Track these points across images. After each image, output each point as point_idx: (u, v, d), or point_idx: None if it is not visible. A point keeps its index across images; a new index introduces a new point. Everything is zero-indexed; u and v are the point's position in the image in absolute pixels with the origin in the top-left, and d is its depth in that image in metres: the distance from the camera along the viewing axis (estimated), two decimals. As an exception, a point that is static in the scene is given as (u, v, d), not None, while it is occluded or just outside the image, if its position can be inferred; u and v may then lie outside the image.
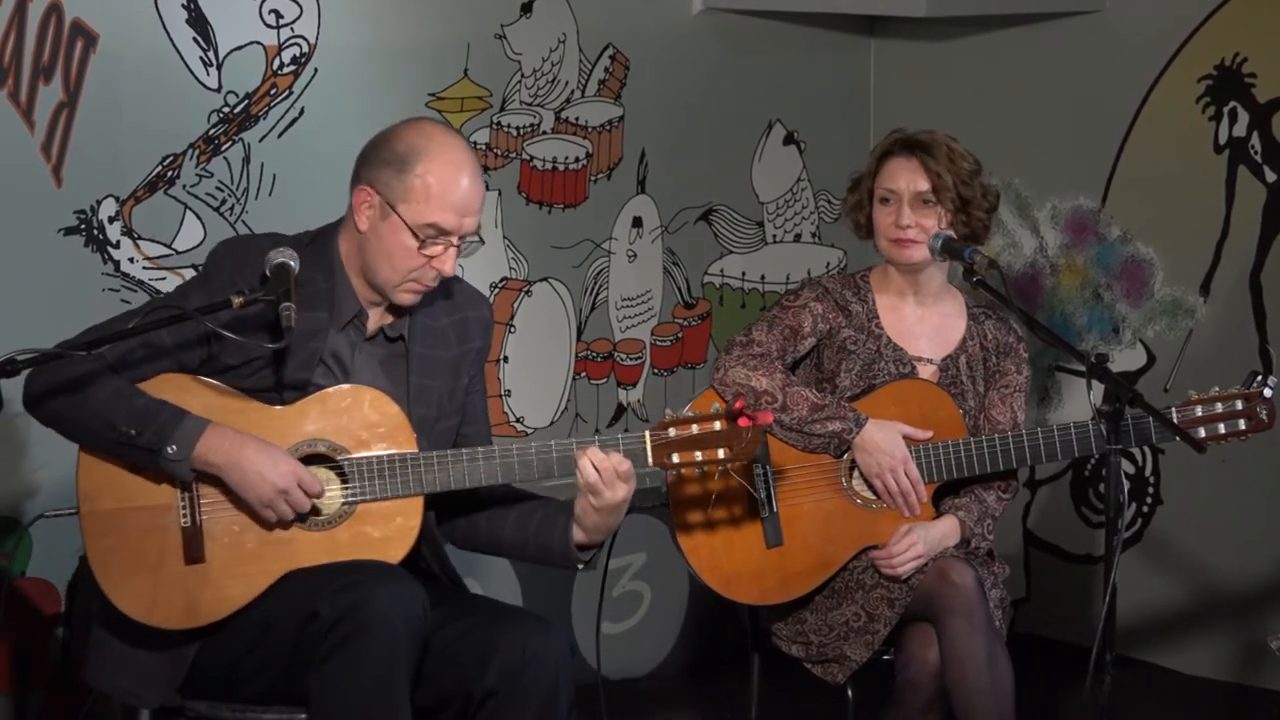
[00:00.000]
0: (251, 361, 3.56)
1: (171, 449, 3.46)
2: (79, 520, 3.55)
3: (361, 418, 3.57)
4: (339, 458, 3.57)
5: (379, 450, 3.56)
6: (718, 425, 3.62)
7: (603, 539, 3.69)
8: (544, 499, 3.75)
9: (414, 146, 3.54)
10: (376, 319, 3.65)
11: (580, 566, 3.71)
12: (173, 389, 3.54)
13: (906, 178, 4.11)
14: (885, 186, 4.13)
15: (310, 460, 3.56)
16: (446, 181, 3.53)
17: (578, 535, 3.66)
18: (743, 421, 3.61)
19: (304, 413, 3.57)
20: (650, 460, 3.62)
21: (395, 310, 3.65)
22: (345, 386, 3.58)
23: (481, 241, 3.65)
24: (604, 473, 3.57)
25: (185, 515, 3.54)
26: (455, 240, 3.56)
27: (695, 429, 3.63)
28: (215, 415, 3.52)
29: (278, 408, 3.57)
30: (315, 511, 3.55)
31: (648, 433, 3.63)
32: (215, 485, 3.54)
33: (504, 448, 3.61)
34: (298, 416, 3.56)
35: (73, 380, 3.48)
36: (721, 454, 3.63)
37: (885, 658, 4.08)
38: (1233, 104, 5.41)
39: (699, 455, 3.63)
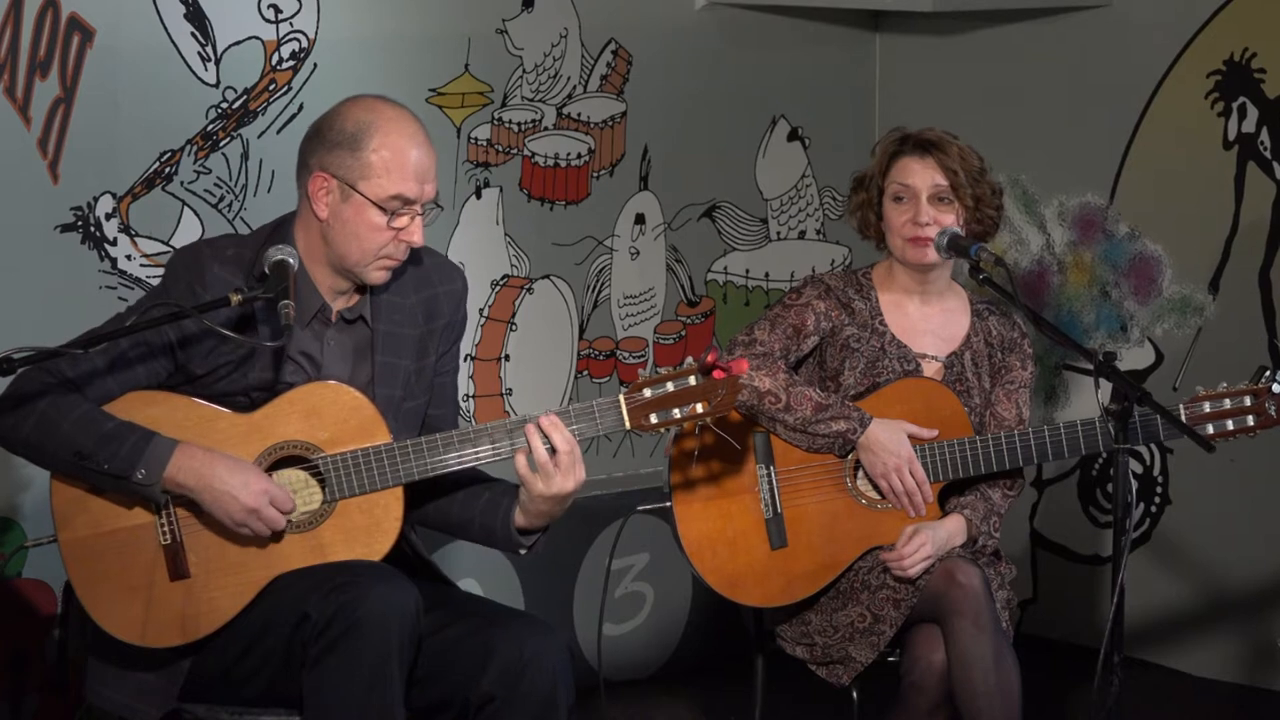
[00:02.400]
0: (218, 369, 3.53)
1: (140, 474, 3.43)
2: (59, 549, 3.52)
3: (331, 414, 3.53)
4: (313, 457, 3.53)
5: (352, 446, 3.53)
6: (692, 380, 3.56)
7: (545, 524, 3.63)
8: (494, 480, 3.69)
9: (363, 122, 3.51)
10: (339, 307, 3.61)
11: (522, 552, 3.66)
12: (141, 405, 3.50)
13: (923, 175, 4.08)
14: (899, 183, 4.10)
15: (286, 462, 3.53)
16: (402, 151, 3.50)
17: (519, 519, 3.61)
18: (717, 374, 3.54)
19: (273, 416, 3.53)
20: (628, 424, 3.56)
21: (359, 289, 3.60)
22: (312, 384, 3.55)
23: (440, 207, 3.61)
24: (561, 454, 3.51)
25: (165, 533, 3.51)
26: (419, 209, 3.53)
27: (670, 386, 3.56)
28: (185, 428, 3.49)
29: (247, 414, 3.53)
30: (289, 527, 3.52)
31: (622, 396, 3.57)
32: (190, 500, 3.50)
33: (478, 429, 3.55)
34: (268, 420, 3.53)
35: (38, 408, 3.45)
36: (700, 409, 3.56)
37: (890, 659, 4.05)
38: (1242, 100, 5.38)
39: (677, 413, 3.56)
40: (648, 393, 3.56)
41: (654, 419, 3.56)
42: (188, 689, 3.57)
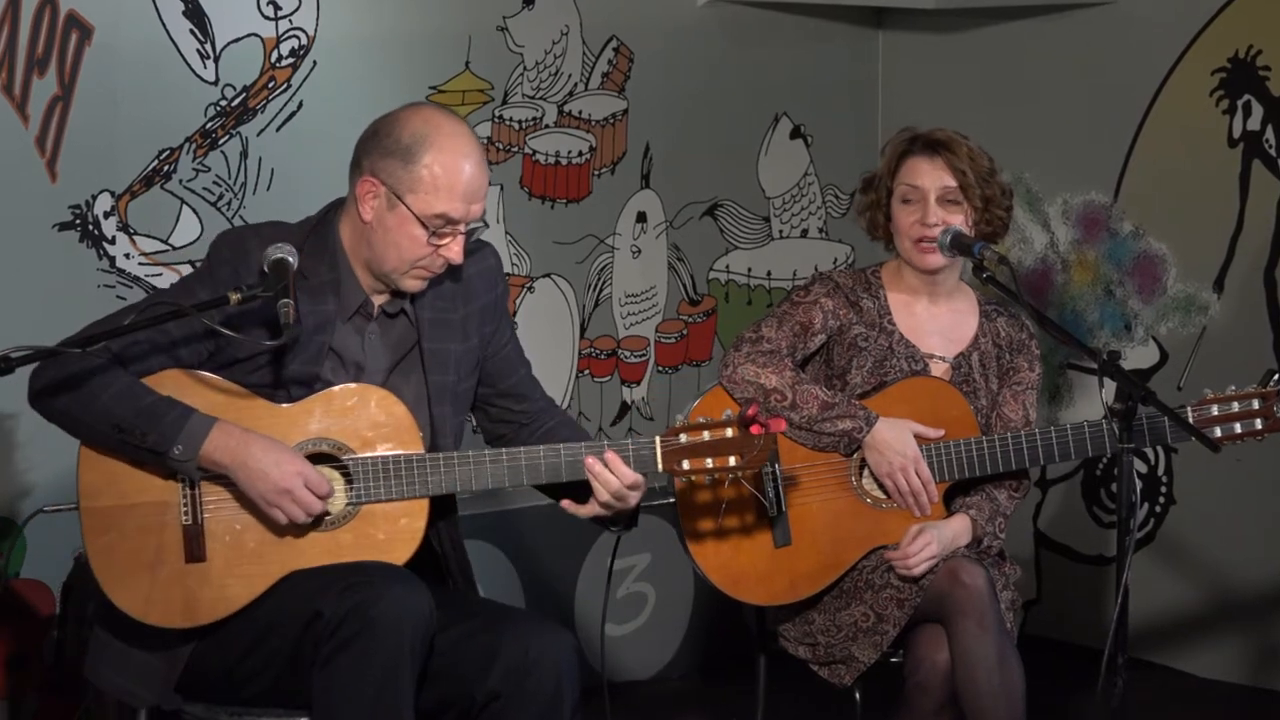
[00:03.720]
0: (257, 356, 3.51)
1: (178, 449, 3.42)
2: (78, 515, 3.51)
3: (367, 417, 3.53)
4: (344, 457, 3.52)
5: (384, 450, 3.52)
6: (729, 432, 3.59)
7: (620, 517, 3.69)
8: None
9: (419, 135, 3.49)
10: (380, 303, 3.62)
11: (612, 529, 3.73)
12: (177, 385, 3.49)
13: (931, 175, 4.06)
14: (908, 184, 4.07)
15: (314, 460, 3.51)
16: (454, 171, 3.48)
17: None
18: (755, 429, 3.57)
19: (309, 411, 3.52)
20: (660, 466, 3.60)
21: (396, 292, 3.61)
22: (352, 385, 3.55)
23: (486, 225, 3.60)
24: (624, 479, 3.58)
25: (187, 513, 3.49)
26: (462, 228, 3.53)
27: (707, 435, 3.59)
28: (219, 411, 3.47)
29: (283, 405, 3.52)
30: (323, 512, 3.51)
31: (658, 439, 3.60)
32: (219, 483, 3.49)
33: (511, 451, 3.57)
34: (302, 415, 3.52)
35: (78, 377, 3.44)
36: (733, 461, 3.60)
37: (893, 660, 4.03)
38: (1247, 97, 5.36)
39: (710, 462, 3.60)
40: (684, 439, 3.59)
41: (687, 465, 3.60)
42: (187, 683, 3.54)
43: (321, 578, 3.43)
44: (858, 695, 4.04)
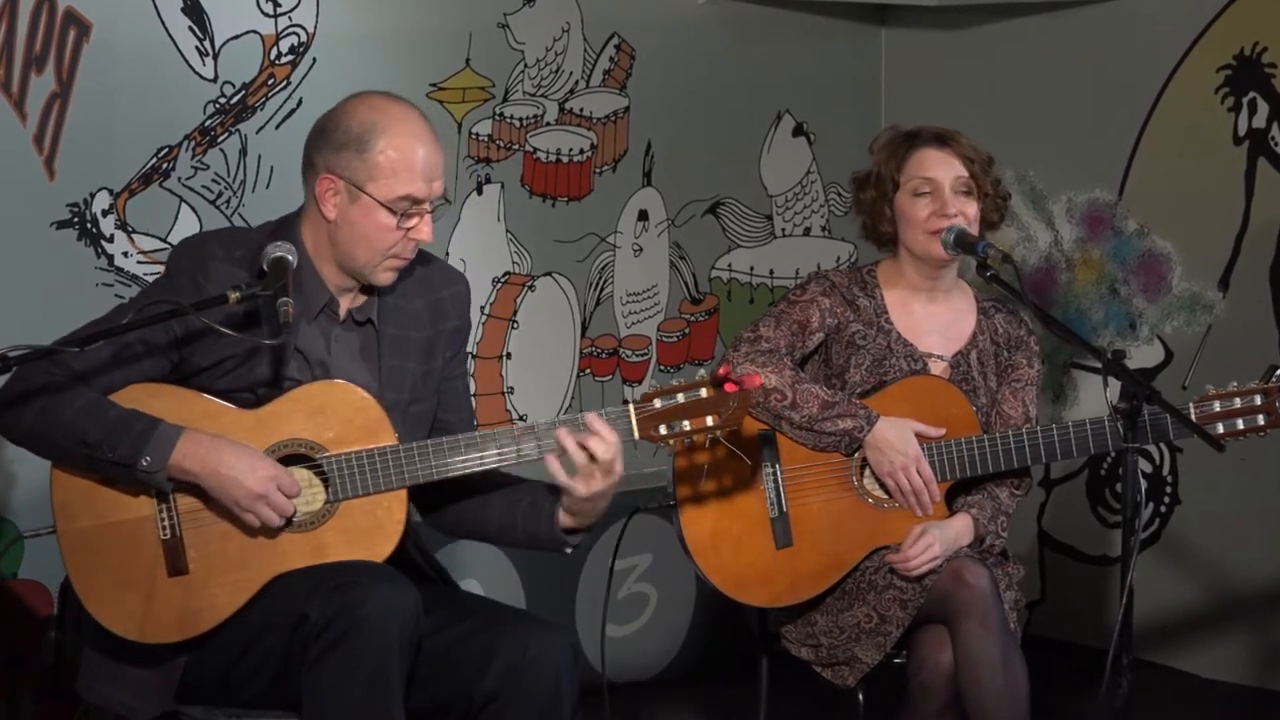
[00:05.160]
0: (223, 362, 3.50)
1: (146, 460, 3.40)
2: (56, 539, 3.49)
3: (337, 414, 3.50)
4: (318, 456, 3.50)
5: (357, 446, 3.50)
6: (703, 393, 3.55)
7: (591, 522, 3.61)
8: (531, 483, 3.67)
9: (369, 123, 3.48)
10: (346, 304, 3.60)
11: (568, 550, 3.65)
12: (144, 397, 3.47)
13: (945, 166, 4.05)
14: (921, 176, 4.06)
15: (289, 460, 3.50)
16: (409, 151, 3.48)
17: (565, 520, 3.60)
18: (729, 387, 3.54)
19: (278, 413, 3.50)
20: (636, 434, 3.55)
21: (364, 290, 3.59)
22: (319, 383, 3.52)
23: (448, 202, 3.58)
24: (597, 453, 3.48)
25: (165, 527, 3.47)
26: (428, 207, 3.51)
27: (680, 398, 3.55)
28: (189, 421, 3.45)
29: (252, 410, 3.50)
30: (296, 513, 3.49)
31: (631, 405, 3.56)
32: (193, 494, 3.47)
33: (484, 434, 3.53)
34: (272, 417, 3.50)
35: (41, 397, 3.42)
36: (710, 421, 3.56)
37: (896, 660, 4.01)
38: (1252, 94, 5.35)
39: (686, 425, 3.56)
40: (658, 404, 3.55)
41: (663, 430, 3.56)
42: (185, 690, 3.53)
43: (309, 579, 3.42)
44: (861, 696, 4.03)
